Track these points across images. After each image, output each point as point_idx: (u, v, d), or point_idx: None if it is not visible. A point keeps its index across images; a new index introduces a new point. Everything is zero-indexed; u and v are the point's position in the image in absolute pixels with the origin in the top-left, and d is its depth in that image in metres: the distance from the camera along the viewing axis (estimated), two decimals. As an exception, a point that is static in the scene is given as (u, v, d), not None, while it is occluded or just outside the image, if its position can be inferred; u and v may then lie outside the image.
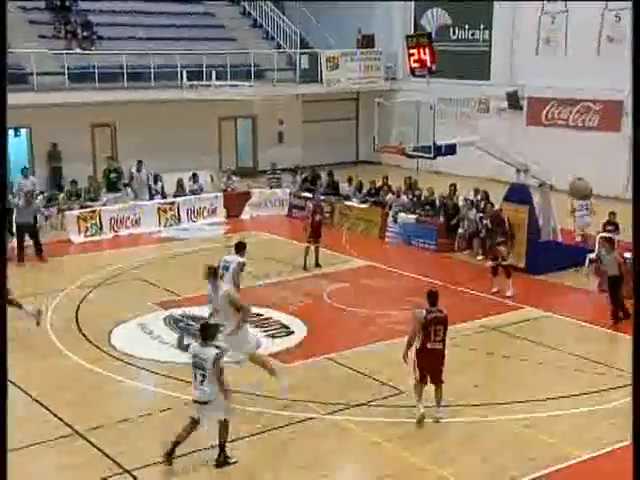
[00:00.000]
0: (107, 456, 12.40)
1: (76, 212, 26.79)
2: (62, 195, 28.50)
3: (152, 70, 32.95)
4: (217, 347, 12.29)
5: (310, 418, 13.63)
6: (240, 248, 16.07)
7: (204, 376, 11.79)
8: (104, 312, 19.12)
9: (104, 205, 27.56)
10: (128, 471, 11.96)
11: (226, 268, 15.51)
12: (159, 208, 28.18)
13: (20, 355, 16.42)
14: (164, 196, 29.22)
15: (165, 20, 37.35)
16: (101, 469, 12.08)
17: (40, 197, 27.04)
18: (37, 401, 14.45)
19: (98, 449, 12.64)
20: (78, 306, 19.51)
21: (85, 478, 11.91)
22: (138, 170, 29.26)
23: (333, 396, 14.42)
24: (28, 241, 23.76)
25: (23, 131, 32.85)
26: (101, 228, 26.74)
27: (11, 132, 32.45)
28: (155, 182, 29.51)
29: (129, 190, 29.16)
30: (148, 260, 24.01)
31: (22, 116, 31.03)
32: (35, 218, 24.58)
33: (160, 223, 27.95)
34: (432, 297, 13.43)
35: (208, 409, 11.83)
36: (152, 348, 16.97)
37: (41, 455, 12.88)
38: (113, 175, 29.44)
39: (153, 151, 31.84)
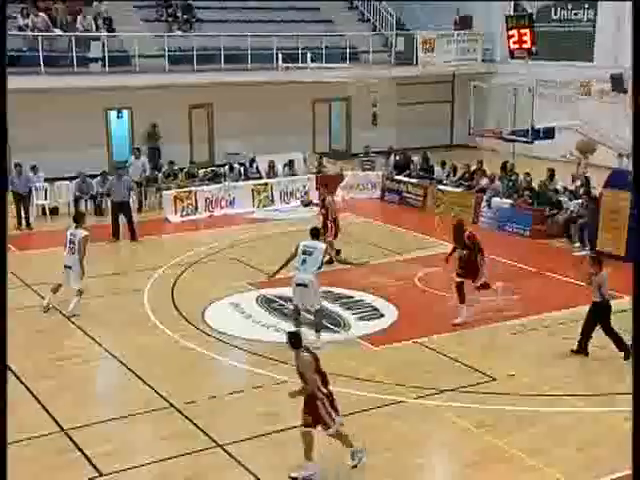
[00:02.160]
0: (201, 430, 12.61)
1: (173, 192, 27.17)
2: (159, 175, 28.91)
3: (249, 52, 33.20)
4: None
5: (400, 402, 13.60)
6: (316, 234, 16.22)
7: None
8: (199, 290, 19.40)
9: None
10: (221, 446, 12.14)
11: (309, 253, 15.59)
12: (253, 189, 28.40)
13: (119, 330, 16.91)
14: (259, 177, 29.41)
15: (261, 3, 37.47)
16: (196, 442, 12.30)
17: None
18: (135, 374, 14.78)
19: (193, 423, 12.88)
20: (174, 284, 19.79)
21: (180, 449, 12.10)
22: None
23: (422, 380, 14.33)
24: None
25: (125, 112, 33.39)
26: (196, 208, 27.09)
27: (114, 113, 33.12)
28: (251, 164, 29.77)
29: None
30: (242, 240, 24.20)
31: (124, 98, 31.72)
32: (129, 197, 25.08)
33: (254, 204, 28.15)
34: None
35: None
36: (245, 327, 17.14)
37: (138, 424, 13.25)
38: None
39: (248, 132, 32.10)
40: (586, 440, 12.27)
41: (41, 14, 32.11)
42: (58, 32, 32.08)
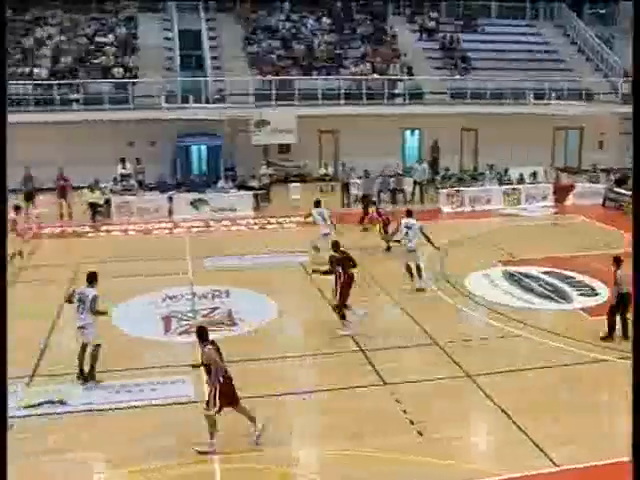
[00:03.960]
0: (456, 363, 12.90)
1: (446, 191, 27.49)
2: (437, 178, 29.39)
3: (501, 90, 33.04)
4: None
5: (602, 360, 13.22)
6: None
7: None
8: (461, 262, 19.55)
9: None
10: (470, 376, 12.35)
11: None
12: (504, 192, 28.15)
13: (400, 284, 17.37)
14: (510, 183, 29.16)
15: (518, 54, 36.71)
16: (451, 371, 12.58)
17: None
18: (410, 315, 15.22)
19: (449, 356, 13.17)
20: (443, 257, 20.08)
21: (438, 374, 12.48)
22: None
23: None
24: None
25: (416, 132, 33.96)
26: (462, 203, 27.26)
27: (408, 132, 33.75)
28: (505, 173, 29.61)
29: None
30: (494, 229, 24.11)
31: (416, 121, 32.38)
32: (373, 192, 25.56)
33: (505, 203, 27.88)
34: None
35: None
36: (492, 293, 17.14)
37: (409, 353, 13.65)
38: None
39: (502, 149, 31.70)
40: None
41: (367, 64, 33.67)
42: (376, 76, 33.22)
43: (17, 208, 19.83)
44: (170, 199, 25.95)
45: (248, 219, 25.21)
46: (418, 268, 17.29)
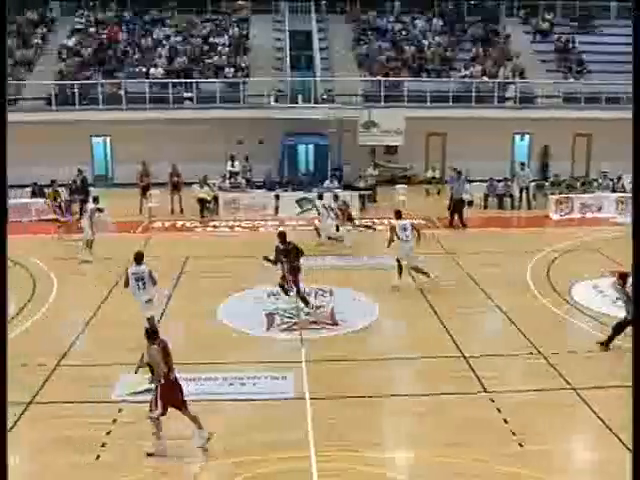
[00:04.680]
0: (560, 375, 12.62)
1: (555, 197, 26.75)
2: (547, 184, 28.69)
3: (618, 95, 31.84)
4: None
5: None
6: None
7: None
8: (568, 271, 18.97)
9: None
10: (574, 388, 12.06)
11: None
12: (617, 200, 27.14)
13: (505, 292, 17.10)
14: (624, 191, 28.10)
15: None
16: (553, 382, 12.32)
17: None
18: (514, 324, 14.92)
19: (553, 367, 12.87)
20: (550, 264, 19.57)
21: (539, 386, 12.18)
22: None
23: None
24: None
25: (526, 137, 33.23)
26: (572, 210, 26.48)
27: (518, 137, 33.06)
28: (618, 180, 28.52)
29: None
30: (604, 238, 23.24)
31: (527, 125, 31.83)
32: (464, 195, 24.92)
33: (618, 211, 26.88)
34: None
35: None
36: (601, 303, 16.49)
37: (515, 361, 13.33)
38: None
39: (613, 156, 30.49)
40: None
41: (478, 66, 33.23)
42: (485, 79, 32.73)
43: (95, 199, 21.36)
44: (277, 197, 26.37)
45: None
46: (399, 266, 17.19)
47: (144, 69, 32.45)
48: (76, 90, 30.71)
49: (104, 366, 12.91)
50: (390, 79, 32.18)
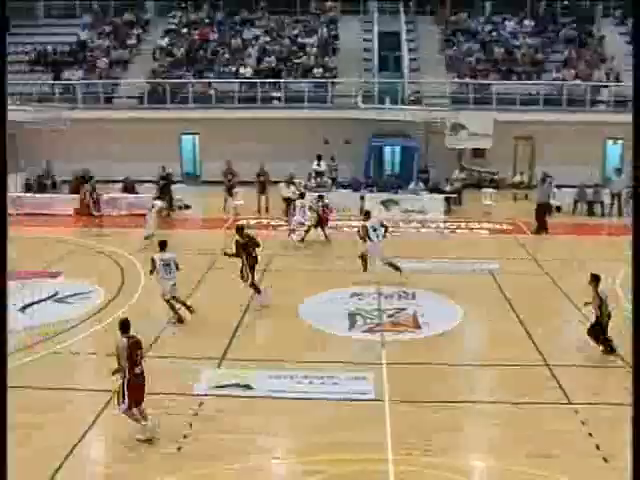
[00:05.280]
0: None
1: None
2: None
3: None
4: None
5: None
6: None
7: None
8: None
9: None
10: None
11: None
12: None
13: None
14: None
15: None
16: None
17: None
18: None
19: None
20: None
21: (627, 400, 11.76)
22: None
23: None
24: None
25: (620, 142, 32.24)
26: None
27: (610, 142, 32.13)
28: None
29: None
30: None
31: (621, 130, 30.75)
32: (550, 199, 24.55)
33: None
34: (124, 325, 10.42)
35: None
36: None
37: (594, 374, 12.95)
38: None
39: None
40: None
41: (570, 69, 32.42)
42: (579, 82, 31.93)
43: (157, 198, 22.24)
44: (362, 198, 26.36)
45: (438, 222, 25.08)
46: (363, 258, 17.65)
47: (233, 69, 32.98)
48: (167, 89, 31.46)
49: (188, 359, 13.16)
50: (479, 81, 31.74)
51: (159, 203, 22.60)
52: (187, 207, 27.48)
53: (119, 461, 10.01)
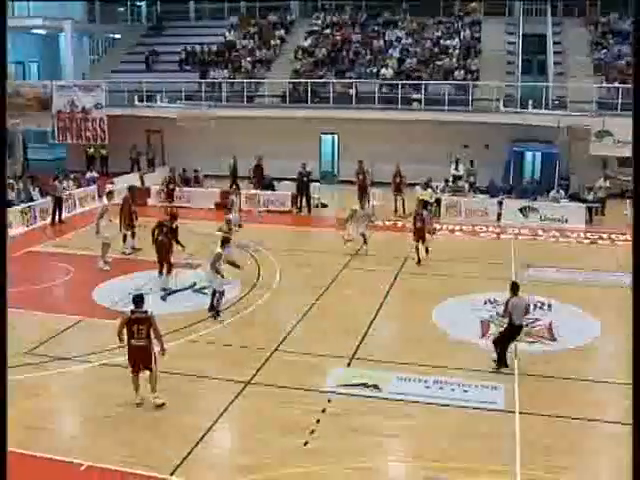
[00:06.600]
0: None
1: None
2: None
3: None
4: None
5: None
6: None
7: None
8: None
9: None
10: None
11: None
12: None
13: None
14: None
15: None
16: None
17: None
18: None
19: None
20: None
21: None
22: None
23: None
24: None
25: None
26: None
27: None
28: None
29: None
30: None
31: None
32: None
33: None
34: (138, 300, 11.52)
35: None
36: None
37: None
38: None
39: None
40: None
41: None
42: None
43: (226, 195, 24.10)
44: (500, 204, 25.81)
45: (579, 232, 24.17)
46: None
47: (374, 70, 33.09)
48: (309, 88, 31.99)
49: (318, 356, 13.36)
50: (628, 86, 30.32)
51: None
52: (324, 205, 27.85)
53: (244, 452, 10.28)
